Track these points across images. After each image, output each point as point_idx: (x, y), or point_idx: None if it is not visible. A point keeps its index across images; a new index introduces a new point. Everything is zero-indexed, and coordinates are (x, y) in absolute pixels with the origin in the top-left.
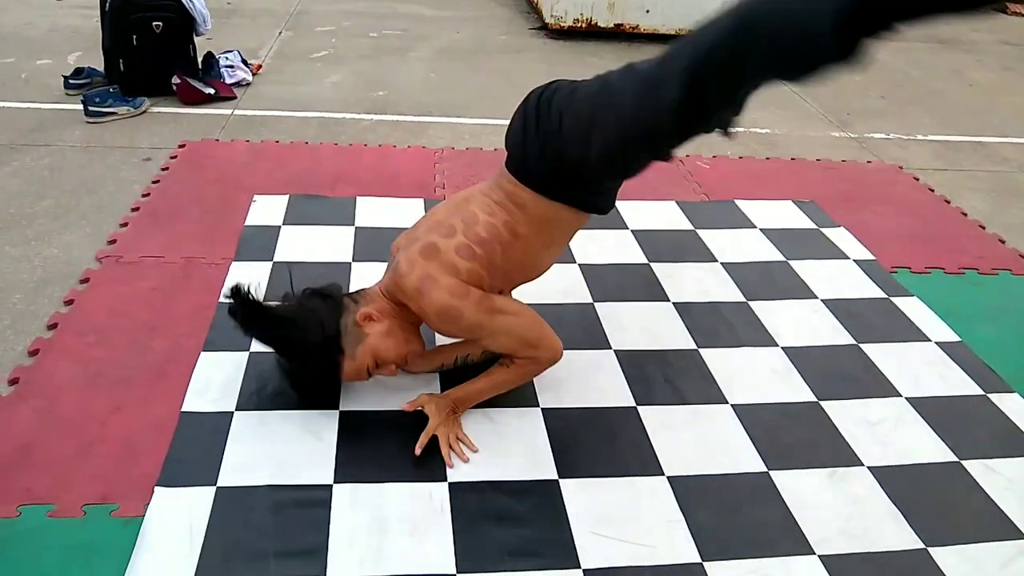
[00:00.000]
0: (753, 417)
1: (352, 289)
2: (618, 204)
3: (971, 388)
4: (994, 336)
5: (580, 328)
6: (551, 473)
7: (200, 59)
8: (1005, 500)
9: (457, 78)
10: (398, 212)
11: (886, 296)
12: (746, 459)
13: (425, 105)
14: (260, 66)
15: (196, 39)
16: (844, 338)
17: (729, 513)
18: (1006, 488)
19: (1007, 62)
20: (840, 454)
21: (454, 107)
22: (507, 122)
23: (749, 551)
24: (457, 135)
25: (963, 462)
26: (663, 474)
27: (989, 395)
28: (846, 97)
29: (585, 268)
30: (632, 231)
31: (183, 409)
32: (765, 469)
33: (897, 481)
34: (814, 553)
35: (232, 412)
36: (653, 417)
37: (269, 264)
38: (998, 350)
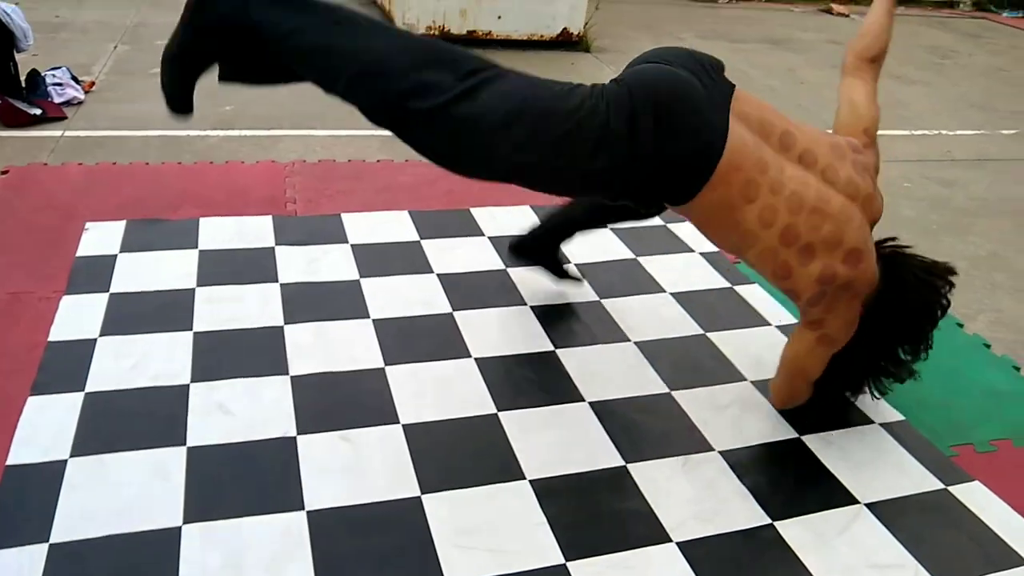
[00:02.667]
0: (610, 412)
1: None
2: (472, 211)
3: None
4: None
5: (439, 338)
6: (413, 490)
7: (24, 77)
8: (839, 469)
9: (307, 89)
10: (245, 231)
11: (730, 285)
12: (604, 454)
13: (275, 118)
14: (93, 83)
15: (17, 56)
16: (693, 328)
17: (590, 510)
18: (840, 458)
19: (833, 60)
20: (692, 442)
21: (306, 119)
22: (362, 132)
23: (610, 546)
24: (309, 147)
25: (802, 437)
26: (525, 478)
27: None
28: None
29: (443, 277)
30: (488, 238)
31: (7, 463)
32: (623, 463)
33: (744, 463)
34: (671, 540)
35: (66, 460)
36: (513, 422)
37: (105, 296)
38: None
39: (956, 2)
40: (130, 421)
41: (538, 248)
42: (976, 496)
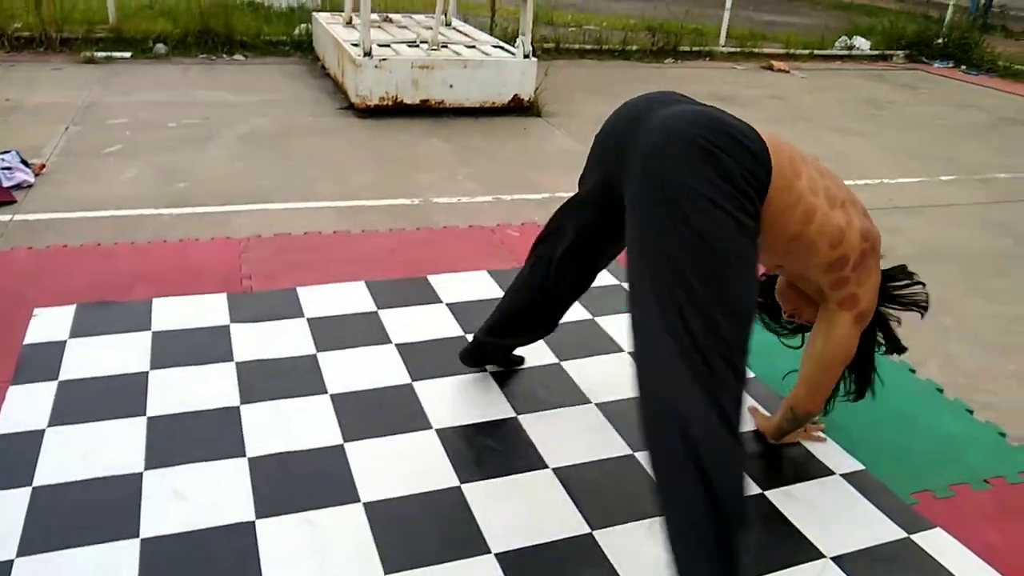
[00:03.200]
0: (574, 478)
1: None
2: (429, 278)
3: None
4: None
5: (399, 410)
6: (377, 572)
7: None
8: (804, 523)
9: (263, 164)
10: (199, 311)
11: (591, 317)
12: (570, 522)
13: (229, 194)
14: (44, 165)
15: None
16: (550, 358)
17: None
18: (803, 511)
19: (778, 114)
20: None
21: (260, 194)
22: (318, 204)
23: None
24: (264, 222)
25: (766, 493)
26: (490, 551)
27: None
28: None
29: (401, 347)
30: (447, 304)
31: None
32: (589, 530)
33: None
34: None
35: (12, 560)
36: (477, 493)
37: (54, 384)
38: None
39: (890, 55)
40: (81, 515)
41: (490, 354)
42: (938, 543)
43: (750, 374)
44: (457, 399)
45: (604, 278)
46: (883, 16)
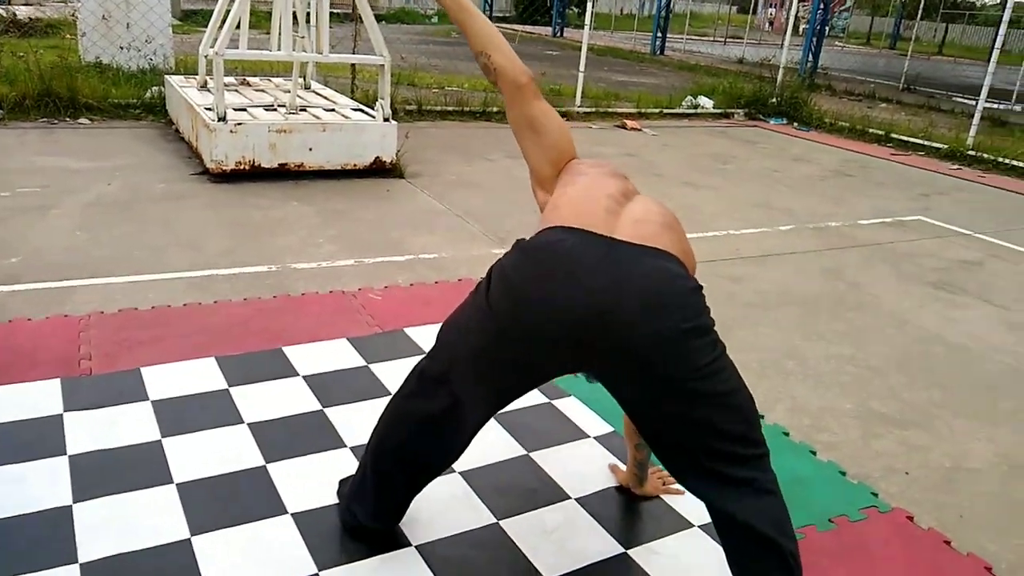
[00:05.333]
0: (438, 555)
1: None
2: (284, 350)
3: None
4: None
5: (251, 496)
6: None
7: None
8: None
9: (108, 234)
10: (27, 400)
11: (547, 400)
12: None
13: (69, 268)
14: None
15: None
16: (515, 450)
17: None
18: (667, 567)
19: (629, 170)
20: (520, 572)
21: (104, 266)
22: (167, 275)
23: None
24: (108, 297)
25: (628, 551)
26: None
27: None
28: (502, 216)
29: (255, 427)
30: (303, 377)
31: None
32: None
33: None
34: None
35: None
36: None
37: None
38: None
39: (732, 113)
40: None
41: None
42: None
43: (609, 428)
44: (315, 479)
45: None
46: (725, 77)
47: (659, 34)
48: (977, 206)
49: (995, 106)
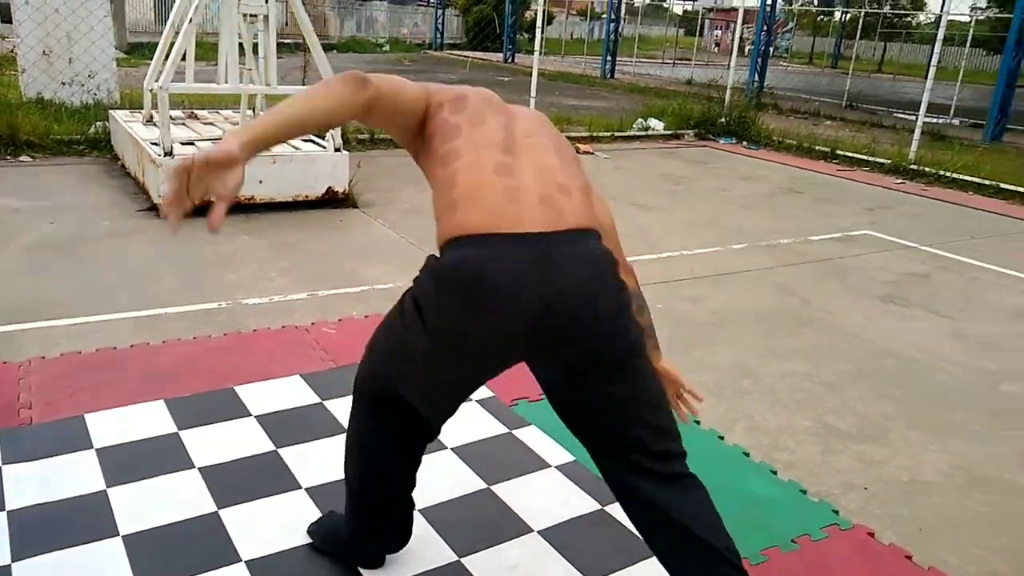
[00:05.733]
0: None
1: None
2: (236, 389)
3: (589, 504)
4: None
5: (203, 546)
6: None
7: None
8: None
9: (51, 275)
10: None
11: (508, 430)
12: None
13: (7, 311)
14: None
15: None
16: (476, 483)
17: None
18: None
19: None
20: None
21: (46, 308)
22: (114, 316)
23: None
24: (50, 341)
25: None
26: None
27: (605, 507)
28: None
29: (206, 471)
30: (255, 417)
31: None
32: None
33: None
34: None
35: None
36: None
37: None
38: None
39: (682, 134)
40: None
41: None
42: None
43: (570, 457)
44: (269, 523)
45: None
46: (674, 98)
47: (609, 58)
48: (921, 219)
49: (934, 120)
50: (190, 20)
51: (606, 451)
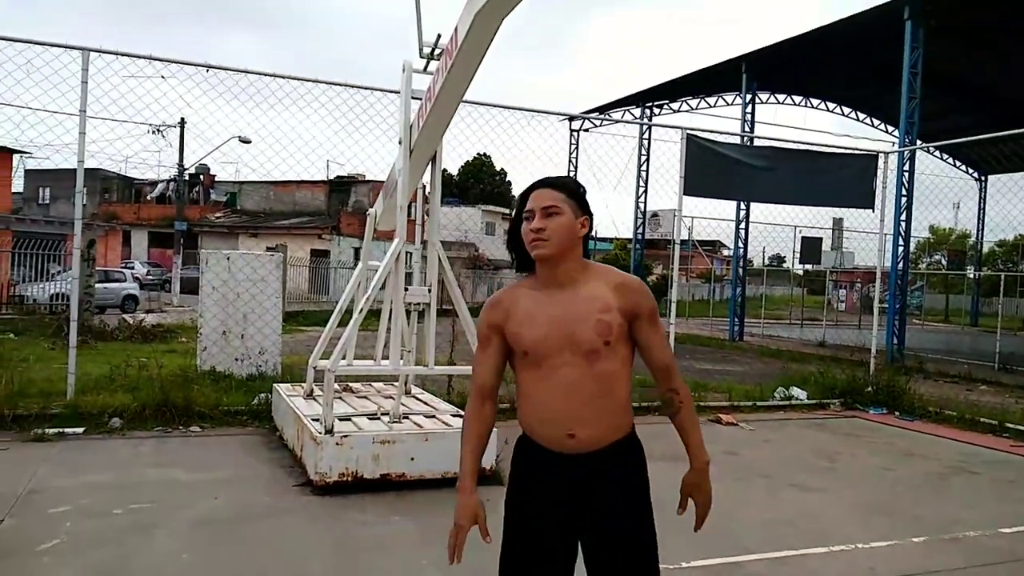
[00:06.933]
0: None
1: None
2: None
3: None
4: None
5: None
6: None
7: None
8: None
9: (214, 559)
10: None
11: None
12: None
13: None
14: None
15: None
16: None
17: None
18: None
19: (733, 472)
20: None
21: None
22: None
23: None
24: None
25: None
26: None
27: None
28: None
29: None
30: None
31: None
32: None
33: None
34: None
35: None
36: None
37: None
38: None
39: (827, 403)
40: None
41: None
42: None
43: None
44: None
45: None
46: (810, 362)
47: (736, 319)
48: None
49: None
50: (360, 311)
51: None
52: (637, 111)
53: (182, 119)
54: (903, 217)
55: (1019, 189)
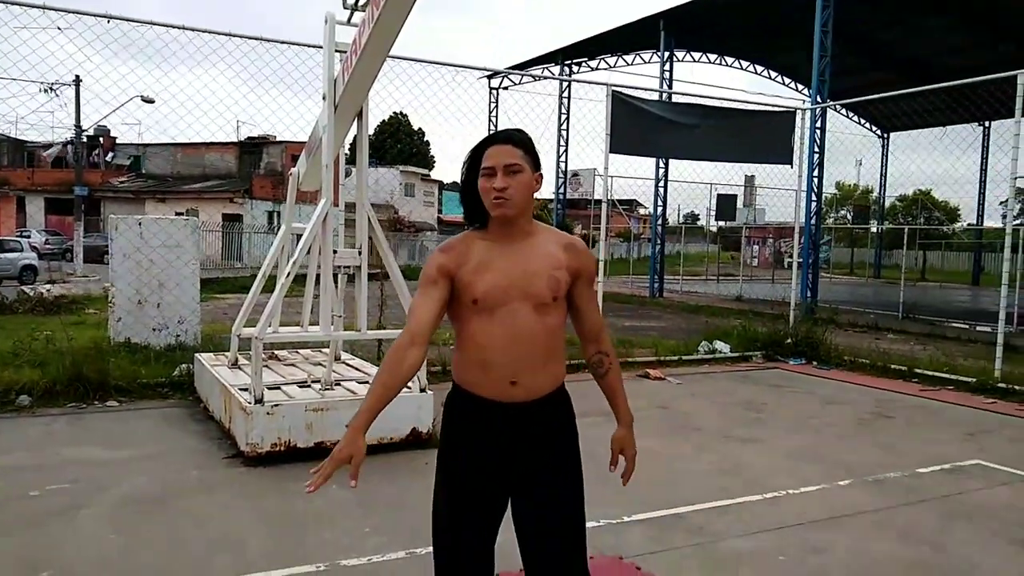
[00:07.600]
0: None
1: None
2: None
3: None
4: None
5: None
6: None
7: None
8: None
9: (143, 538)
10: None
11: None
12: None
13: None
14: None
15: None
16: None
17: None
18: None
19: (666, 426)
20: None
21: None
22: None
23: None
24: None
25: None
26: None
27: None
28: None
29: None
30: None
31: None
32: None
33: None
34: None
35: None
36: None
37: None
38: None
39: (750, 356)
40: None
41: None
42: None
43: None
44: None
45: None
46: (729, 316)
47: (656, 277)
48: None
49: (1008, 331)
50: (287, 275)
51: None
52: (556, 69)
53: (77, 76)
54: (815, 173)
55: (917, 146)
